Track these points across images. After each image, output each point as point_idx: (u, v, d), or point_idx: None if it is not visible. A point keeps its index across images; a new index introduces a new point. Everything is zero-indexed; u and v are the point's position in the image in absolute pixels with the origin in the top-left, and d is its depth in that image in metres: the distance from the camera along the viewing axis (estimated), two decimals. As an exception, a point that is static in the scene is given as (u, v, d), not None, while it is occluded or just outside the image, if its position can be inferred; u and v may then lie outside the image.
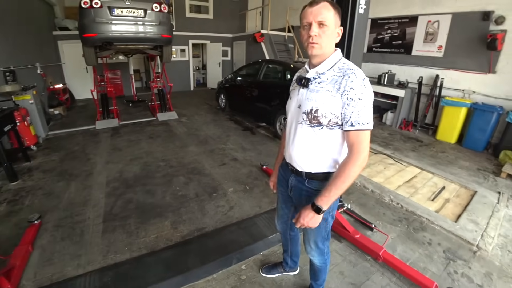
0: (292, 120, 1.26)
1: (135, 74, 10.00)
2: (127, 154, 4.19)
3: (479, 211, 2.94)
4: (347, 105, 1.05)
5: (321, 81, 1.12)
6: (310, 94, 1.14)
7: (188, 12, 10.08)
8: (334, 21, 1.08)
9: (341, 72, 1.09)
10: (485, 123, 4.72)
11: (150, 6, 4.79)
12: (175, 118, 6.25)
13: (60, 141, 4.78)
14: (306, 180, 1.27)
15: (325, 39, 1.08)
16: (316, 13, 1.06)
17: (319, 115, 1.11)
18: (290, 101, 1.30)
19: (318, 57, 1.14)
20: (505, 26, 4.64)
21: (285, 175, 1.42)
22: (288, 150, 1.30)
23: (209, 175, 3.54)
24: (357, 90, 1.03)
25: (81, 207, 2.78)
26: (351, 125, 1.05)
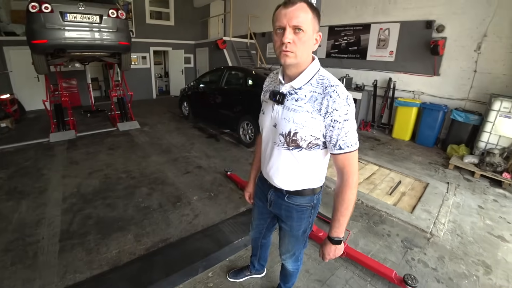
0: (268, 139, 1.15)
1: (93, 83, 9.43)
2: (85, 167, 3.91)
3: (431, 201, 3.19)
4: (331, 127, 0.95)
5: (299, 98, 1.00)
6: (287, 114, 1.02)
7: (148, 18, 9.82)
8: (312, 26, 0.93)
9: (320, 87, 0.96)
10: (433, 121, 5.18)
11: (107, 12, 4.59)
12: (136, 128, 5.99)
13: (7, 156, 4.31)
14: (286, 196, 1.20)
15: (301, 46, 0.92)
16: (291, 16, 0.89)
17: (298, 138, 1.01)
18: (263, 116, 1.16)
19: (293, 67, 0.99)
20: (445, 34, 5.19)
21: (263, 189, 1.33)
22: (264, 168, 1.23)
23: (172, 184, 3.43)
24: (341, 111, 0.93)
25: (34, 227, 2.52)
26: (340, 148, 0.98)
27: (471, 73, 4.96)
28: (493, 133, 4.22)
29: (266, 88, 1.21)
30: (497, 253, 2.41)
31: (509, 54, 4.53)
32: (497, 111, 4.12)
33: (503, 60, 4.60)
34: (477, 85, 4.94)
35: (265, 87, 1.23)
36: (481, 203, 3.28)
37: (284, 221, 1.29)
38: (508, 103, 4.03)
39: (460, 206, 3.18)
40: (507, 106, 4.04)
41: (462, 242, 2.51)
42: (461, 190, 3.58)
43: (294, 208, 1.21)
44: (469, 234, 2.65)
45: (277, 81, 1.11)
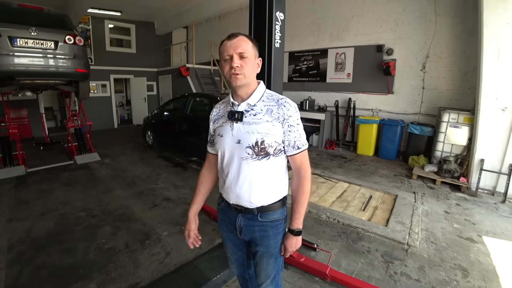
0: (232, 158, 1.17)
1: (47, 113, 8.73)
2: (37, 207, 3.45)
3: (403, 212, 3.30)
4: (289, 131, 1.12)
5: (256, 113, 1.13)
6: (249, 127, 1.11)
7: (108, 46, 9.56)
8: (253, 53, 1.11)
9: (272, 101, 1.13)
10: (393, 135, 5.55)
11: (63, 38, 4.34)
12: (97, 160, 5.54)
13: None
14: (258, 215, 1.20)
15: (247, 69, 1.09)
16: (236, 46, 1.07)
17: (266, 145, 1.10)
18: (221, 139, 1.20)
19: (244, 88, 1.13)
20: (394, 56, 5.74)
21: (229, 219, 1.30)
22: (232, 190, 1.20)
23: (139, 220, 3.14)
24: (294, 117, 1.12)
25: None
26: (298, 148, 1.14)
27: (420, 90, 5.49)
28: (446, 142, 4.61)
29: (216, 116, 1.28)
30: (469, 254, 2.53)
31: (448, 72, 5.13)
32: (447, 122, 4.54)
33: (445, 77, 5.18)
34: (426, 100, 5.45)
35: (213, 117, 1.29)
36: (446, 208, 3.48)
37: (260, 243, 1.24)
38: (455, 114, 4.48)
39: (429, 213, 3.33)
40: (454, 117, 4.48)
41: (437, 249, 2.60)
42: (427, 198, 3.79)
43: (269, 225, 1.21)
44: (441, 240, 2.76)
45: (228, 106, 1.21)
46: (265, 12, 2.23)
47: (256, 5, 2.33)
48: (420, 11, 5.29)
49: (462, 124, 4.42)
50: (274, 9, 2.20)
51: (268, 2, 2.20)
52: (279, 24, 2.27)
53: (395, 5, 5.59)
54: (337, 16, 6.51)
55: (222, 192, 1.28)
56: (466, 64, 4.87)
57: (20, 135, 5.36)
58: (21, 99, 7.47)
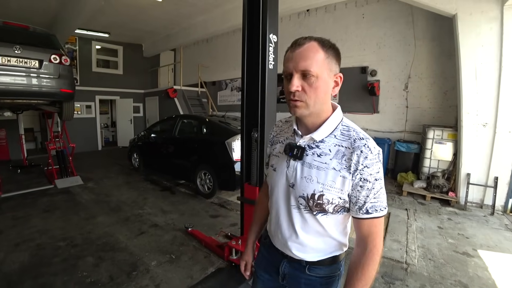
0: (281, 201, 0.96)
1: (27, 134, 8.32)
2: (10, 237, 3.15)
3: (398, 230, 3.28)
4: (360, 187, 0.81)
5: (322, 153, 0.85)
6: (308, 171, 0.87)
7: (95, 66, 9.47)
8: (326, 68, 0.80)
9: (347, 140, 0.84)
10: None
11: (48, 57, 4.23)
12: (79, 184, 5.25)
13: None
14: (307, 267, 0.97)
15: (313, 94, 0.80)
16: (298, 59, 0.78)
17: (324, 201, 0.85)
18: (274, 174, 0.98)
19: (311, 117, 0.87)
20: (378, 77, 6.00)
21: (272, 259, 1.06)
22: (278, 236, 1.00)
23: (125, 249, 2.92)
24: (372, 169, 0.80)
25: None
26: (367, 212, 0.83)
27: (404, 108, 5.70)
28: (432, 158, 4.73)
29: (275, 139, 1.04)
30: (468, 270, 2.51)
31: (430, 91, 5.38)
32: (432, 138, 4.68)
33: (426, 96, 5.42)
34: (410, 118, 5.65)
35: (271, 138, 1.06)
36: (439, 224, 3.50)
37: None
38: (439, 131, 4.64)
39: (423, 230, 3.32)
40: (439, 134, 4.64)
41: (436, 266, 2.57)
42: (419, 214, 3.80)
43: (318, 281, 0.98)
44: (439, 256, 2.73)
45: (290, 132, 0.96)
46: (258, 34, 2.27)
47: (249, 28, 2.37)
48: (399, 35, 5.62)
49: (446, 140, 4.57)
50: (268, 31, 2.24)
51: (261, 24, 2.25)
52: (273, 46, 2.31)
53: (376, 30, 5.92)
54: (322, 40, 6.79)
55: (269, 229, 1.07)
56: (445, 83, 5.13)
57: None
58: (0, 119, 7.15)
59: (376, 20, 5.91)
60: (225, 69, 9.03)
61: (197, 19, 7.55)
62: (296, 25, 7.28)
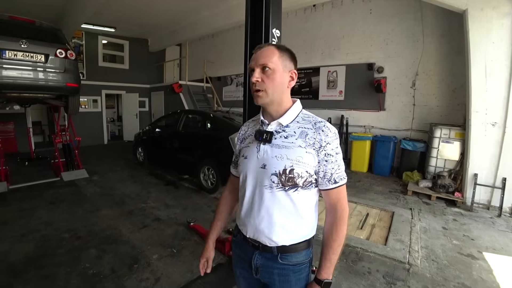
0: (254, 185, 1.02)
1: (35, 127, 8.48)
2: (17, 228, 3.22)
3: (401, 230, 3.24)
4: (325, 161, 0.95)
5: (288, 135, 0.97)
6: (278, 151, 0.96)
7: (101, 61, 9.53)
8: (281, 65, 0.96)
9: (309, 124, 0.98)
10: (386, 151, 5.58)
11: (54, 51, 4.28)
12: (84, 177, 5.33)
13: None
14: (279, 255, 1.02)
15: (270, 84, 0.94)
16: (259, 57, 0.96)
17: (294, 175, 0.94)
18: (246, 161, 1.05)
19: (274, 106, 0.99)
20: (385, 74, 5.89)
21: (244, 255, 1.11)
22: (249, 222, 1.04)
23: (127, 242, 2.96)
24: (333, 144, 0.95)
25: None
26: (335, 182, 0.96)
27: (411, 106, 5.60)
28: (439, 158, 4.65)
29: (243, 136, 1.15)
30: (472, 272, 2.47)
31: (437, 88, 5.27)
32: (439, 137, 4.60)
33: (434, 94, 5.31)
34: (417, 117, 5.55)
35: (240, 136, 1.17)
36: (444, 224, 3.44)
37: None
38: (446, 130, 4.55)
39: (427, 230, 3.27)
40: (446, 132, 4.54)
41: (439, 267, 2.53)
42: (424, 214, 3.74)
43: (291, 269, 1.02)
44: (442, 258, 2.69)
45: (258, 124, 1.08)
46: (261, 29, 2.23)
47: (252, 22, 2.33)
48: (408, 31, 5.50)
49: (454, 139, 4.48)
50: (271, 26, 2.20)
51: (264, 20, 2.21)
52: (276, 41, 2.26)
53: (384, 25, 5.80)
54: (328, 36, 6.70)
55: (239, 222, 1.12)
56: (454, 81, 5.02)
57: (4, 150, 5.14)
58: (8, 113, 7.29)
59: (384, 15, 5.79)
60: (231, 65, 9.00)
61: (202, 14, 7.51)
62: (303, 21, 7.19)
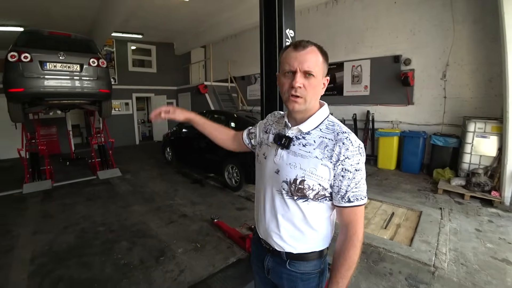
0: (267, 187, 1.00)
1: (74, 130, 9.28)
2: (60, 221, 3.59)
3: (428, 230, 3.09)
4: (341, 177, 0.87)
5: (307, 143, 0.92)
6: (292, 159, 0.92)
7: (131, 66, 10.12)
8: (322, 70, 0.90)
9: (331, 134, 0.90)
10: (415, 147, 5.31)
11: (87, 60, 4.66)
12: (118, 176, 5.73)
13: None
14: (287, 262, 1.00)
15: (311, 91, 0.88)
16: (303, 60, 0.86)
17: (305, 187, 0.90)
18: (264, 161, 1.03)
19: (301, 113, 0.94)
20: (413, 66, 5.59)
21: (259, 254, 1.12)
22: (261, 223, 1.04)
23: (155, 236, 3.17)
24: (353, 160, 0.86)
25: None
26: (348, 201, 0.88)
27: (442, 99, 5.26)
28: (473, 154, 4.34)
29: (267, 127, 1.10)
30: (506, 279, 2.29)
31: (471, 79, 4.89)
32: (473, 132, 4.29)
33: (467, 85, 4.94)
34: (449, 110, 5.21)
35: (264, 125, 1.12)
36: (477, 226, 3.21)
37: None
38: (481, 123, 4.23)
39: (457, 232, 3.09)
40: (481, 126, 4.23)
41: (468, 272, 2.38)
42: (455, 214, 3.53)
43: (299, 277, 1.00)
44: (473, 262, 2.53)
45: (282, 124, 1.03)
46: (275, 29, 2.27)
47: (266, 23, 2.38)
48: (436, 19, 5.16)
49: (490, 133, 4.16)
50: (284, 26, 2.23)
51: (277, 20, 2.24)
52: (290, 41, 2.29)
53: (409, 15, 5.50)
54: (351, 29, 6.49)
55: (255, 221, 1.12)
56: (490, 70, 4.62)
57: (48, 151, 5.68)
58: (51, 117, 7.99)
59: (409, 4, 5.48)
60: (254, 64, 9.02)
61: (223, 16, 7.65)
62: (324, 15, 7.03)
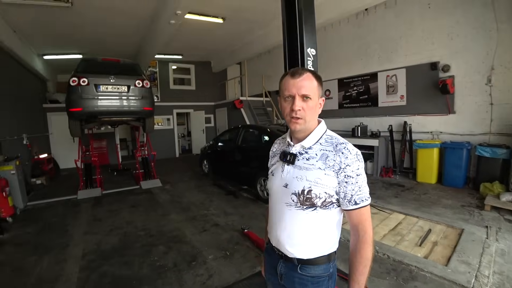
0: (277, 201, 1.11)
1: (121, 143, 10.26)
2: (107, 224, 4.05)
3: (469, 250, 2.85)
4: (345, 183, 0.97)
5: (310, 157, 1.03)
6: (299, 172, 1.03)
7: (172, 84, 11.02)
8: (317, 93, 1.01)
9: (330, 146, 1.01)
10: (458, 159, 4.92)
11: (134, 82, 5.26)
12: (158, 186, 6.20)
13: (38, 212, 4.68)
14: (299, 267, 1.08)
15: (309, 112, 1.00)
16: (300, 86, 0.98)
17: (312, 196, 0.99)
18: (272, 178, 1.15)
19: (302, 131, 1.05)
20: (452, 72, 5.27)
21: (272, 262, 1.20)
22: (274, 233, 1.13)
23: (189, 242, 3.40)
24: (353, 166, 0.97)
25: (51, 283, 2.58)
26: (355, 203, 0.98)
27: (488, 106, 4.85)
28: (527, 168, 3.90)
29: (274, 153, 1.23)
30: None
31: (523, 84, 4.45)
32: (526, 143, 3.88)
33: (518, 90, 4.50)
34: (497, 117, 4.76)
35: (272, 153, 1.25)
36: (531, 249, 2.88)
37: None
38: (535, 134, 3.81)
39: (505, 253, 2.80)
40: (535, 138, 3.81)
41: (515, 299, 2.17)
42: (504, 234, 3.19)
43: (309, 280, 1.08)
44: (521, 288, 2.28)
45: (285, 144, 1.14)
46: (297, 49, 2.41)
47: (289, 43, 2.54)
48: (476, 21, 4.84)
49: (547, 145, 3.73)
50: (305, 45, 2.36)
51: (299, 40, 2.38)
52: (311, 59, 2.41)
53: (446, 19, 5.24)
54: (384, 39, 6.36)
55: (268, 232, 1.22)
56: (546, 74, 4.18)
57: (99, 162, 6.42)
58: (102, 132, 9.01)
59: (445, 7, 5.23)
60: (287, 78, 9.25)
61: (256, 33, 8.02)
62: (355, 27, 7.01)
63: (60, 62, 8.74)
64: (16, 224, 4.13)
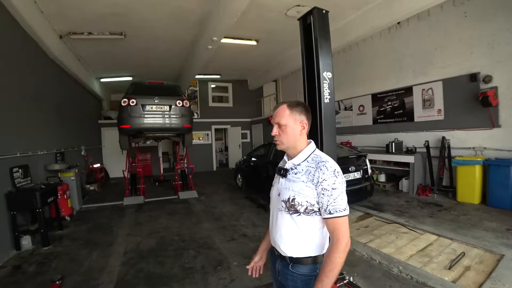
0: (274, 207, 1.33)
1: (164, 156, 11.21)
2: (146, 228, 4.55)
3: (507, 278, 2.64)
4: (322, 194, 1.14)
5: (297, 172, 1.23)
6: (287, 184, 1.24)
7: (211, 102, 11.86)
8: (292, 120, 1.23)
9: (314, 163, 1.19)
10: (505, 178, 4.51)
11: (175, 102, 5.90)
12: (195, 197, 6.67)
13: (90, 214, 5.44)
14: (290, 265, 1.26)
15: (284, 136, 1.25)
16: (275, 116, 1.26)
17: (295, 203, 1.19)
18: (272, 188, 1.38)
19: (290, 150, 1.28)
20: (494, 83, 4.91)
21: (273, 260, 1.42)
22: (271, 234, 1.34)
23: (217, 249, 3.67)
24: (329, 181, 1.13)
25: (98, 273, 3.08)
26: (329, 213, 1.13)
27: (540, 119, 4.41)
28: None
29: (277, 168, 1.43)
30: None
31: None
32: None
33: None
34: (550, 133, 4.30)
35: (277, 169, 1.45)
36: None
37: None
38: None
39: (551, 285, 2.54)
40: None
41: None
42: (554, 263, 2.88)
43: (299, 278, 1.25)
44: None
45: (283, 161, 1.39)
46: (314, 73, 2.62)
47: (307, 68, 2.78)
48: (521, 27, 4.51)
49: None
50: (321, 70, 2.57)
51: (315, 65, 2.60)
52: (327, 82, 2.60)
53: (485, 26, 4.95)
54: (418, 52, 6.19)
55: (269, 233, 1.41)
56: None
57: (143, 173, 7.16)
58: (147, 146, 10.02)
59: (484, 15, 4.97)
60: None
61: (288, 53, 8.37)
62: (388, 40, 6.93)
63: (113, 83, 10.14)
64: (73, 222, 4.91)
